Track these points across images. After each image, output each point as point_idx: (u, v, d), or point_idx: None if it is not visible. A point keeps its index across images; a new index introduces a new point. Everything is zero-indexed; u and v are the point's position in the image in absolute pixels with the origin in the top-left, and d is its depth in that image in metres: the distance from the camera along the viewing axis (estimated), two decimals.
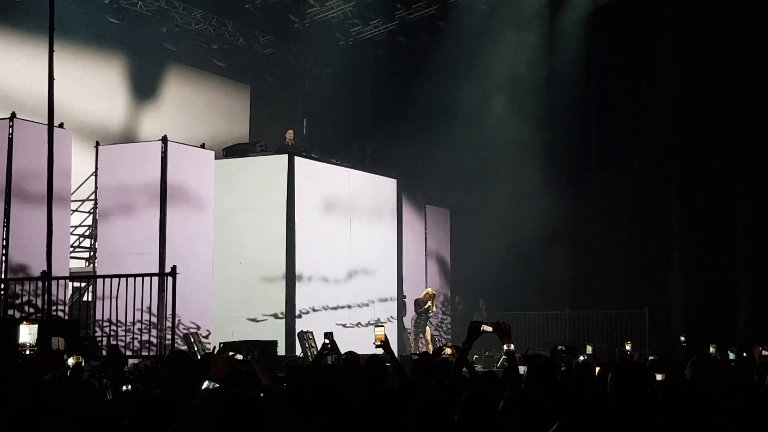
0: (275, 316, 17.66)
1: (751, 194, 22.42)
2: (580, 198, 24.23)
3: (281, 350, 16.79)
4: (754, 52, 21.67)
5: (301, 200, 18.49)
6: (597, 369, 7.85)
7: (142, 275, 13.49)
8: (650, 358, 12.51)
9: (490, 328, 6.68)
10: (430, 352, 17.63)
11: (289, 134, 20.49)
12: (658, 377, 7.03)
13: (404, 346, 20.25)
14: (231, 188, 18.27)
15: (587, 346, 11.21)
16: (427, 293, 19.94)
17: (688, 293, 23.06)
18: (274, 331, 17.21)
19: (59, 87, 11.92)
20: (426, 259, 23.62)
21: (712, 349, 12.00)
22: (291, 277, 18.08)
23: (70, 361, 8.11)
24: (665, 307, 23.26)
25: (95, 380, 8.94)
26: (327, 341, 8.54)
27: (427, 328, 19.81)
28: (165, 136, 16.11)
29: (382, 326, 7.89)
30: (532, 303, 23.29)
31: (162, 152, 15.81)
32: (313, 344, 16.61)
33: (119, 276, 13.63)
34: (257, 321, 17.50)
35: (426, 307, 19.63)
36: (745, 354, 9.58)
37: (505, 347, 6.85)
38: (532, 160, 22.36)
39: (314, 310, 18.49)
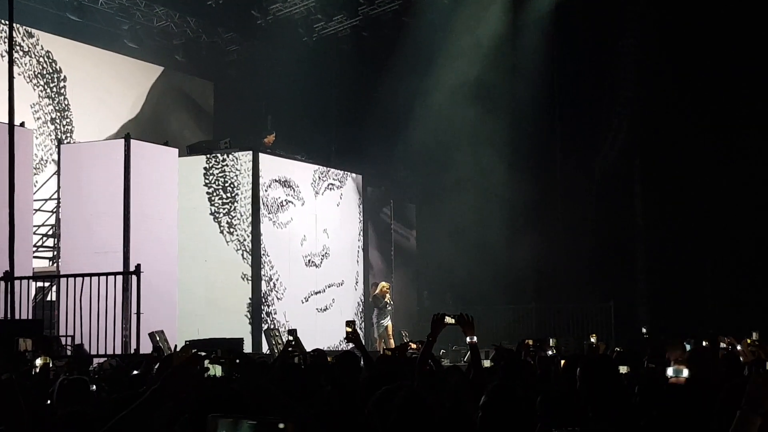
0: (241, 313, 17.64)
1: (716, 187, 22.58)
2: (545, 192, 24.33)
3: (247, 347, 16.76)
4: (717, 46, 21.82)
5: (266, 196, 18.47)
6: (562, 362, 7.89)
7: (106, 274, 13.43)
8: (616, 349, 12.61)
9: (453, 320, 6.70)
10: (392, 346, 17.74)
11: (271, 138, 20.33)
12: (623, 369, 7.10)
13: (372, 342, 20.27)
14: (195, 185, 18.22)
15: (550, 339, 11.27)
16: (382, 287, 20.04)
17: (653, 286, 23.22)
18: (240, 329, 17.18)
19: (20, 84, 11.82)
20: (392, 254, 23.65)
21: (688, 346, 12.07)
22: (257, 274, 18.06)
23: (38, 362, 8.05)
24: (631, 299, 23.41)
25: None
26: (291, 338, 8.54)
27: (389, 322, 19.90)
28: (128, 134, 16.03)
29: (352, 322, 7.88)
30: (499, 297, 23.35)
31: (125, 150, 15.74)
32: (280, 341, 16.57)
33: (83, 275, 13.55)
34: (223, 319, 17.45)
35: (386, 301, 19.78)
36: (705, 344, 9.69)
37: (468, 339, 6.85)
38: (496, 154, 22.42)
39: (278, 298, 18.49)
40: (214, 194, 18.35)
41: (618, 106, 23.32)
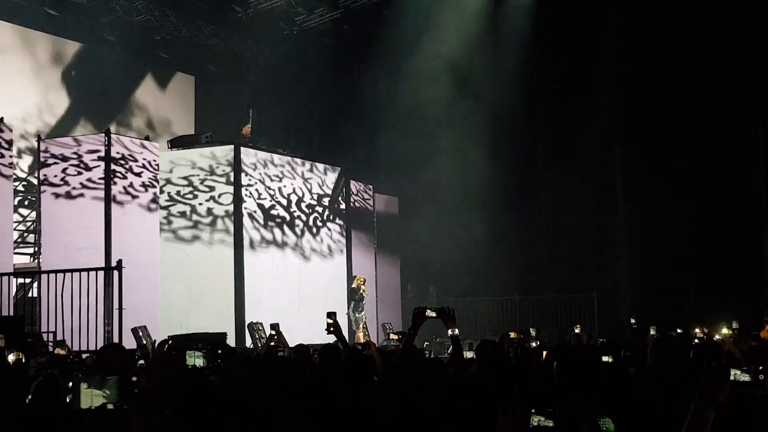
0: (224, 308, 17.60)
1: (697, 177, 22.67)
2: (527, 183, 24.41)
3: (230, 342, 16.72)
4: (698, 35, 21.89)
5: (248, 190, 18.43)
6: (545, 353, 7.91)
7: (87, 270, 13.39)
8: (600, 340, 12.67)
9: (434, 314, 6.70)
10: (362, 339, 17.79)
11: (247, 129, 20.33)
12: (606, 359, 7.12)
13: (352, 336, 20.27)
14: (176, 180, 18.17)
15: (530, 330, 11.30)
16: (358, 280, 20.09)
17: (636, 276, 23.32)
18: (223, 323, 17.14)
19: None
20: (375, 248, 23.65)
21: (652, 331, 12.17)
22: (240, 269, 18.03)
23: (11, 358, 7.99)
24: (613, 290, 23.53)
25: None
26: (273, 332, 8.54)
27: (364, 314, 19.98)
28: (108, 129, 15.99)
29: (333, 313, 7.87)
30: (483, 289, 23.43)
31: (105, 145, 15.69)
32: (263, 335, 16.55)
33: (64, 271, 13.50)
34: (206, 313, 17.41)
35: (361, 292, 19.85)
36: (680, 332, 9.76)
37: (449, 332, 6.87)
38: (477, 146, 22.44)
39: (262, 293, 18.47)
40: (196, 188, 18.30)
41: (598, 97, 23.35)
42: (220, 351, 3.84)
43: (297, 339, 12.08)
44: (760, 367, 3.62)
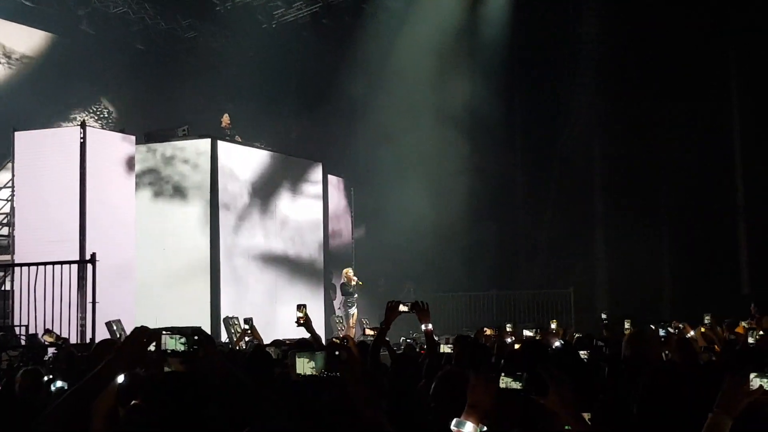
0: (200, 302, 17.53)
1: (674, 174, 22.78)
2: (504, 178, 24.43)
3: None
4: (678, 33, 21.97)
5: (225, 184, 18.36)
6: (516, 346, 7.92)
7: (61, 263, 13.30)
8: (576, 336, 12.69)
9: (406, 308, 6.68)
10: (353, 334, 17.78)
11: (225, 118, 20.23)
12: (582, 354, 7.13)
13: (332, 330, 20.23)
14: (153, 173, 18.09)
15: (506, 325, 11.31)
16: (347, 273, 20.11)
17: (613, 272, 23.40)
18: (198, 318, 17.06)
19: None
20: (353, 242, 23.64)
21: (627, 325, 12.22)
22: (215, 263, 17.96)
23: None
24: (590, 286, 23.61)
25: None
26: (247, 327, 8.50)
27: (355, 309, 19.98)
28: (84, 121, 15.90)
29: (303, 306, 7.84)
30: (460, 284, 23.43)
31: (81, 138, 15.57)
32: (239, 330, 16.50)
33: (38, 264, 13.41)
34: (182, 307, 17.32)
35: (354, 285, 19.88)
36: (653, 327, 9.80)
37: (423, 327, 6.85)
38: (455, 141, 22.45)
39: (238, 288, 18.42)
40: (172, 181, 18.23)
41: (579, 94, 23.40)
42: (197, 337, 3.81)
43: (275, 334, 12.08)
44: None
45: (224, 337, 16.67)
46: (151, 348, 3.70)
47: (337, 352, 3.64)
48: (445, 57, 22.77)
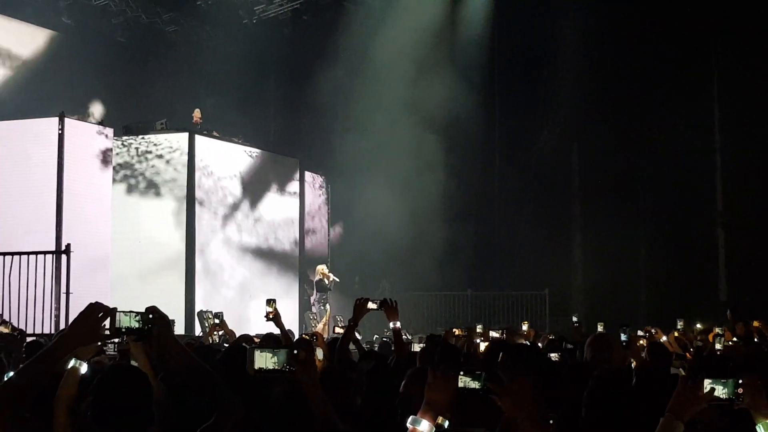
0: (174, 295, 17.57)
1: (653, 178, 22.94)
2: (483, 180, 24.51)
3: (179, 329, 16.69)
4: (659, 37, 22.13)
5: (201, 179, 18.40)
6: (483, 345, 8.01)
7: (36, 253, 13.32)
8: (549, 337, 12.77)
9: (375, 306, 6.75)
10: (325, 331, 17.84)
11: (197, 113, 20.27)
12: (553, 356, 7.23)
13: (306, 326, 20.29)
14: (130, 165, 18.11)
15: (477, 326, 11.39)
16: (321, 270, 20.16)
17: (588, 275, 23.53)
18: (172, 311, 17.08)
19: None
20: (329, 239, 23.69)
21: (600, 328, 12.32)
22: (191, 256, 18.00)
23: None
24: (566, 288, 23.72)
25: None
26: (217, 321, 8.55)
27: (329, 306, 20.04)
28: (62, 112, 15.85)
29: (273, 300, 7.91)
30: (435, 284, 23.46)
31: (59, 129, 15.57)
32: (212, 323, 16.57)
33: (12, 254, 13.42)
34: (156, 300, 17.32)
35: (330, 282, 19.95)
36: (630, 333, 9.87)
37: (391, 324, 6.92)
38: (433, 143, 22.50)
39: (212, 282, 18.46)
40: (149, 174, 18.25)
41: (556, 97, 23.50)
42: (151, 316, 3.85)
43: (248, 329, 12.13)
44: (739, 381, 3.70)
45: (198, 330, 16.73)
46: (106, 324, 3.68)
47: (295, 351, 3.67)
48: (425, 56, 22.83)
